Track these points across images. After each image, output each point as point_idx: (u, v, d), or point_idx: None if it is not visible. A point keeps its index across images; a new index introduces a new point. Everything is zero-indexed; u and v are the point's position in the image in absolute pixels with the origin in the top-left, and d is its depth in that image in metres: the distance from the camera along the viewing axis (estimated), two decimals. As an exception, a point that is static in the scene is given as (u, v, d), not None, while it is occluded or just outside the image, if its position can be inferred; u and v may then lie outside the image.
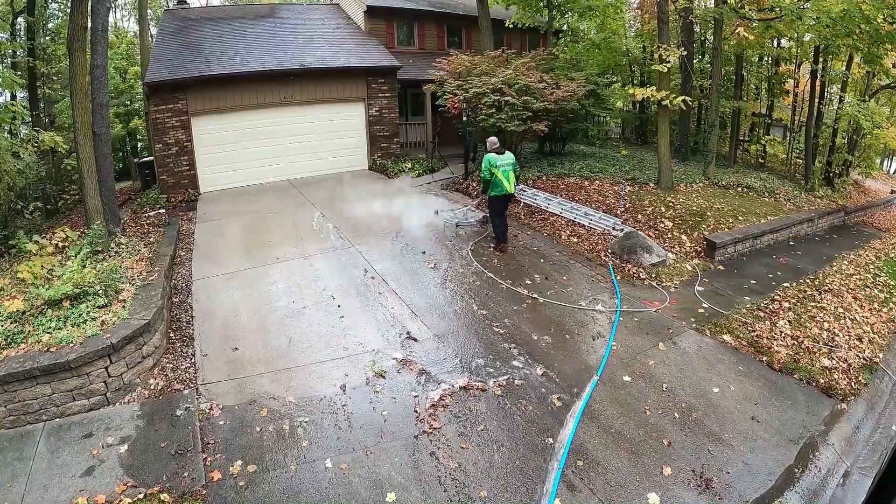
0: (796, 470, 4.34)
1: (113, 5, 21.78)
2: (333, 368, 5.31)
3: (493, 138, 8.36)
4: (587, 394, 5.01)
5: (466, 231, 9.18)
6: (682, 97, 11.18)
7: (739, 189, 12.99)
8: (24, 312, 5.20)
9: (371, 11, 15.85)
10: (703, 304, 7.09)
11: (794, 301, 7.32)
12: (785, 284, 7.95)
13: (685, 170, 13.88)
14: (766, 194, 13.01)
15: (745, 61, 17.74)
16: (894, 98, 17.76)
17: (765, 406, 5.06)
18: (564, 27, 19.80)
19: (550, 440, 4.43)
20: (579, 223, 9.57)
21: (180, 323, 6.22)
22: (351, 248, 8.23)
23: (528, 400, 4.90)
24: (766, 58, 18.73)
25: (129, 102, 21.97)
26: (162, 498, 3.79)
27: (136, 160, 15.98)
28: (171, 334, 5.93)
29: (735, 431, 4.68)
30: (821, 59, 15.32)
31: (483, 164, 8.04)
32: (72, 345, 4.72)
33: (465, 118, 11.98)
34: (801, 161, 17.26)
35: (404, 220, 9.57)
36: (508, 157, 8.07)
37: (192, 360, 5.46)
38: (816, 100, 15.58)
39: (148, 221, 10.05)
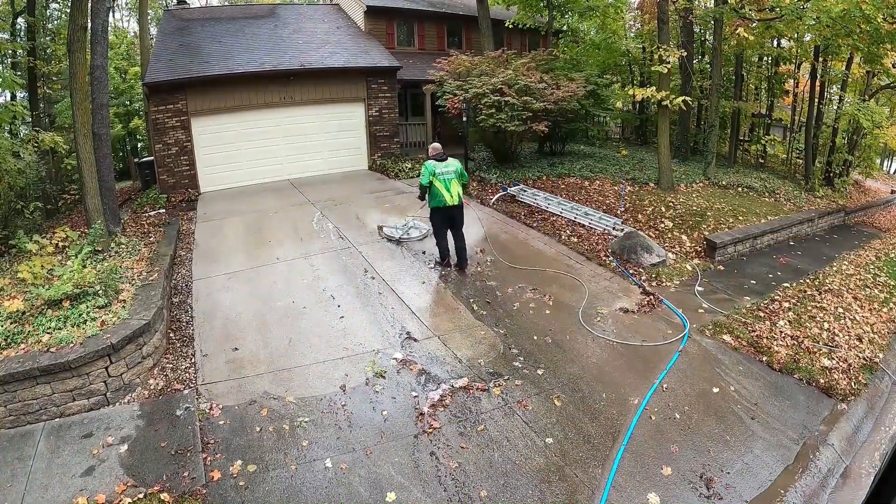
0: (796, 470, 4.34)
1: (113, 5, 21.78)
2: (333, 368, 5.31)
3: (437, 144, 7.69)
4: (648, 394, 5.01)
5: (412, 249, 8.11)
6: (682, 97, 11.21)
7: (739, 189, 13.00)
8: (24, 312, 5.19)
9: (371, 11, 15.87)
10: (703, 305, 7.09)
11: (794, 301, 7.32)
12: (785, 284, 7.95)
13: (685, 170, 13.89)
14: (766, 194, 13.02)
15: (745, 61, 17.75)
16: (894, 98, 17.77)
17: (765, 406, 5.06)
18: (564, 27, 19.82)
19: (550, 440, 4.43)
20: (579, 223, 9.57)
21: (180, 323, 6.22)
22: (351, 248, 8.23)
23: (528, 400, 4.90)
24: (765, 58, 18.75)
25: (129, 102, 22.00)
26: (162, 497, 3.79)
27: (136, 160, 15.99)
28: (171, 334, 5.93)
29: (735, 431, 4.68)
30: (821, 59, 15.32)
31: (422, 173, 7.29)
32: (72, 345, 4.71)
33: (464, 118, 11.98)
34: (801, 161, 17.29)
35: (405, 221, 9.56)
36: (451, 163, 7.31)
37: (192, 361, 5.46)
38: (816, 100, 15.59)
39: (148, 221, 10.06)
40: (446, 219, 7.38)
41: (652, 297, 7.10)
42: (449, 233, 7.48)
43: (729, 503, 3.94)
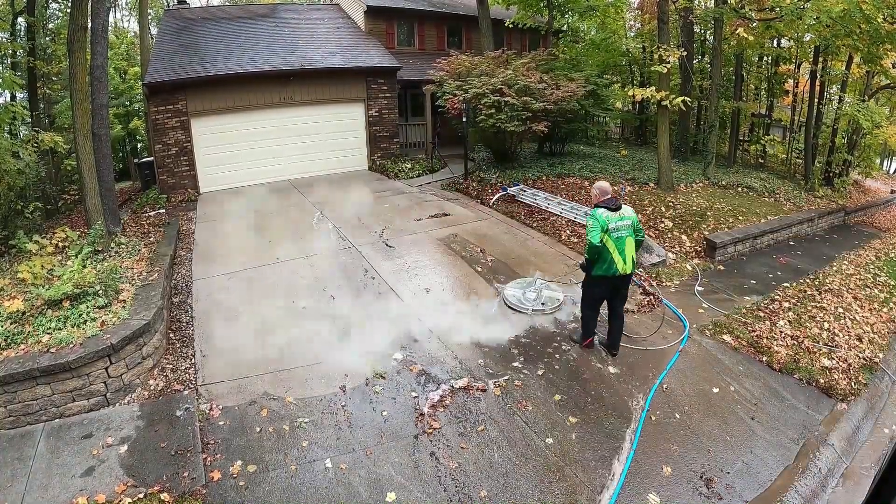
0: (796, 470, 4.34)
1: (113, 5, 21.77)
2: (333, 369, 5.31)
3: (605, 184, 5.38)
4: (649, 396, 5.02)
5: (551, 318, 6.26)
6: (682, 97, 11.21)
7: (739, 189, 12.99)
8: (24, 313, 5.19)
9: (371, 11, 15.87)
10: (703, 305, 7.09)
11: (794, 301, 7.32)
12: (785, 284, 7.95)
13: (685, 170, 13.89)
14: (766, 194, 13.02)
15: (745, 61, 17.75)
16: (894, 98, 17.77)
17: (765, 406, 5.06)
18: (564, 27, 19.82)
19: (550, 440, 4.43)
20: (579, 223, 9.57)
21: (180, 323, 6.21)
22: (351, 249, 8.23)
23: (528, 400, 4.90)
24: (765, 58, 18.75)
25: (128, 103, 21.99)
26: (162, 498, 3.79)
27: (135, 160, 15.98)
28: (171, 334, 5.93)
29: (735, 431, 4.68)
30: (820, 60, 15.33)
31: (590, 227, 5.13)
32: (72, 345, 4.71)
33: (464, 118, 11.98)
34: (800, 161, 17.28)
35: (405, 220, 9.57)
36: (627, 214, 5.25)
37: (192, 361, 5.46)
38: (816, 100, 15.58)
39: (148, 221, 10.05)
40: (608, 290, 5.39)
41: (652, 297, 7.09)
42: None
43: (729, 503, 3.94)
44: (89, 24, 8.61)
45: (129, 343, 4.93)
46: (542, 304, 6.45)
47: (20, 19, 15.21)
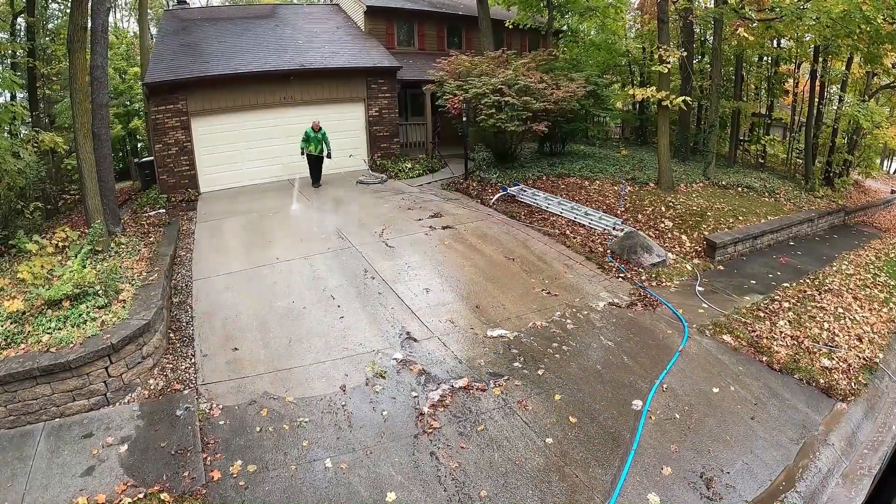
0: (796, 470, 4.34)
1: (113, 5, 21.75)
2: (333, 368, 5.31)
3: (316, 120, 11.83)
4: (650, 394, 5.02)
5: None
6: (682, 97, 11.20)
7: (739, 189, 12.99)
8: (24, 313, 5.20)
9: (371, 11, 15.85)
10: (703, 304, 7.09)
11: (794, 301, 7.32)
12: (785, 284, 7.95)
13: (685, 170, 13.89)
14: (767, 194, 13.02)
15: (745, 61, 17.75)
16: (894, 98, 17.75)
17: (765, 406, 5.06)
18: (564, 28, 19.81)
19: (550, 440, 4.43)
20: (579, 223, 9.58)
21: (180, 323, 6.22)
22: (351, 248, 8.23)
23: (528, 400, 4.90)
24: (765, 58, 18.74)
25: (128, 103, 21.96)
26: (162, 497, 3.80)
27: (135, 160, 15.98)
28: (171, 334, 5.93)
29: (735, 431, 4.68)
30: (820, 59, 15.32)
31: (302, 138, 11.74)
32: (71, 345, 4.72)
33: (464, 118, 11.98)
34: (801, 161, 17.27)
35: (405, 220, 9.57)
36: (324, 134, 11.77)
37: (192, 361, 5.47)
38: (816, 100, 15.57)
39: (148, 221, 10.05)
40: (312, 162, 12.09)
41: (652, 297, 7.10)
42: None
43: (729, 503, 3.94)
44: (89, 24, 8.61)
45: (129, 343, 4.94)
46: (379, 182, 12.34)
47: (20, 19, 15.20)
